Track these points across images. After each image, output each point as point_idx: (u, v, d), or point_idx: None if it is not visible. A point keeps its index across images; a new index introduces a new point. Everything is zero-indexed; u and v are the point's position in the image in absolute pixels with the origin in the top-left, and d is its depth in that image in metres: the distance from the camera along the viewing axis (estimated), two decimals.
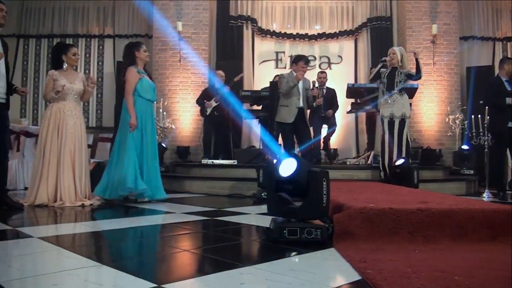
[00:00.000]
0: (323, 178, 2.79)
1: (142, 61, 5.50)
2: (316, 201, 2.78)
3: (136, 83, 5.33)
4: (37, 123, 9.84)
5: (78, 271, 2.16)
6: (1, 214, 4.27)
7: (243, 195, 6.22)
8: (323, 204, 2.79)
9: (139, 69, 5.43)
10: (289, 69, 9.55)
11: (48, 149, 5.00)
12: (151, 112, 5.52)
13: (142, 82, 5.36)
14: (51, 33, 10.18)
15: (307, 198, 2.81)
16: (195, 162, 8.13)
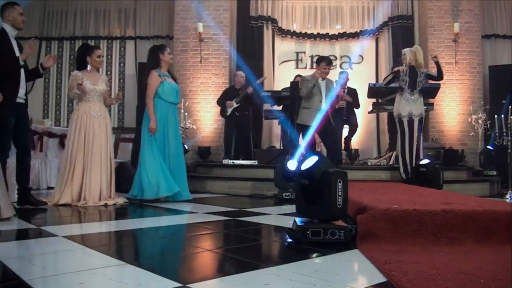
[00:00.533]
0: (338, 179, 2.77)
1: (167, 64, 5.57)
2: (330, 202, 2.77)
3: (157, 86, 5.40)
4: (60, 124, 9.98)
5: (103, 270, 2.18)
6: (24, 213, 4.34)
7: (264, 196, 6.23)
8: (338, 206, 2.77)
9: (162, 72, 5.48)
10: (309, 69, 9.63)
11: (75, 150, 5.08)
12: (174, 114, 5.55)
13: (164, 85, 5.42)
14: (73, 35, 10.32)
15: (323, 199, 2.81)
16: (216, 162, 8.16)
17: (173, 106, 5.54)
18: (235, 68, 9.08)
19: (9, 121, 4.35)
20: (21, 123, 4.55)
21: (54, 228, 3.46)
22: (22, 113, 4.57)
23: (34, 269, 2.23)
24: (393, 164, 7.18)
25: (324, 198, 2.77)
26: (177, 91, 5.58)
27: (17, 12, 4.56)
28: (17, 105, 4.47)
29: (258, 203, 5.53)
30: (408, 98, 6.11)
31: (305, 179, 2.84)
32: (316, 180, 2.78)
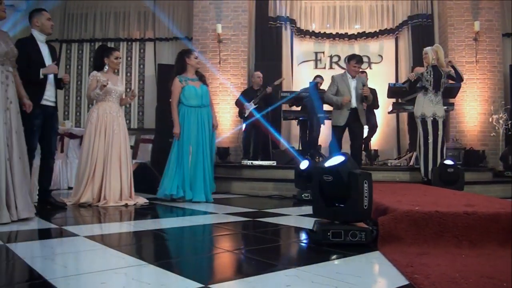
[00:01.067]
0: (364, 180, 2.75)
1: (193, 68, 5.60)
2: (356, 203, 2.74)
3: (179, 93, 5.51)
4: (80, 125, 10.08)
5: (125, 270, 2.20)
6: (45, 213, 4.40)
7: (283, 196, 6.22)
8: (364, 207, 2.75)
9: (186, 77, 5.55)
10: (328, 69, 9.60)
11: (95, 149, 5.13)
12: (197, 117, 5.56)
13: (185, 91, 5.49)
14: (93, 38, 10.45)
15: (348, 200, 2.78)
16: (235, 163, 8.18)
17: (197, 109, 5.56)
18: (254, 69, 9.09)
19: (33, 122, 4.41)
20: (48, 126, 4.63)
21: (75, 228, 3.51)
22: (50, 116, 4.65)
23: (57, 269, 2.26)
24: (413, 165, 7.11)
25: (350, 199, 2.75)
26: (200, 94, 5.59)
27: (45, 17, 4.64)
28: (45, 108, 4.55)
29: (277, 204, 5.53)
30: (432, 99, 6.04)
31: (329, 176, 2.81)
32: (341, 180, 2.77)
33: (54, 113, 4.74)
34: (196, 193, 5.40)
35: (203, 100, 5.61)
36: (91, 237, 3.11)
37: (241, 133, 8.57)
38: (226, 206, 5.22)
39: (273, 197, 6.26)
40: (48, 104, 4.61)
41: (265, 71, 8.42)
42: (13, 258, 2.50)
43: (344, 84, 6.18)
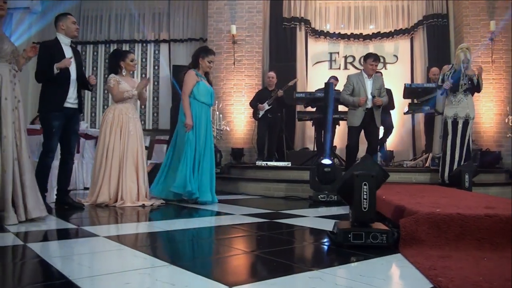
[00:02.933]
0: (363, 182, 2.74)
1: (203, 69, 5.59)
2: (356, 205, 2.74)
3: (193, 85, 5.43)
4: (95, 125, 10.17)
5: (148, 271, 2.22)
6: (63, 213, 4.44)
7: (298, 197, 6.20)
8: (363, 209, 2.73)
9: (199, 73, 5.53)
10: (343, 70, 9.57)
11: (111, 150, 5.18)
12: (206, 115, 5.57)
13: (199, 86, 5.45)
14: (108, 39, 10.53)
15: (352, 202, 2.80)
16: (250, 164, 8.19)
17: (206, 107, 5.56)
18: (268, 70, 9.09)
19: (52, 124, 4.46)
20: (68, 127, 4.66)
21: (94, 228, 3.53)
22: (72, 117, 4.68)
23: (80, 269, 2.28)
24: (429, 166, 7.07)
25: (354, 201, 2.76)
26: (211, 93, 5.61)
27: (70, 21, 4.71)
28: (67, 110, 4.59)
29: (293, 205, 5.52)
30: (452, 100, 5.98)
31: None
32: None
33: (76, 115, 4.76)
34: (203, 193, 5.33)
35: (212, 99, 5.64)
36: (111, 237, 3.13)
37: (255, 134, 8.57)
38: (242, 207, 5.22)
39: (289, 198, 6.25)
40: (70, 106, 4.64)
41: (279, 72, 8.42)
42: (34, 257, 2.52)
43: (360, 84, 6.13)
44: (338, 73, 9.22)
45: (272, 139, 8.24)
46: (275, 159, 7.96)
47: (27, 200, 3.69)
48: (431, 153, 7.41)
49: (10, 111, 3.63)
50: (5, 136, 3.56)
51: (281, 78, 8.23)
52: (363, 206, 2.71)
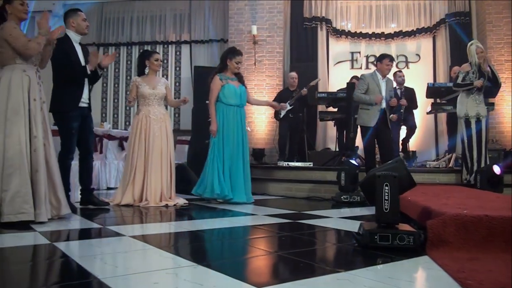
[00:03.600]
0: (384, 183, 2.73)
1: (232, 71, 5.62)
2: (378, 206, 2.74)
3: (218, 90, 5.53)
4: (117, 126, 10.28)
5: (175, 270, 2.25)
6: (88, 212, 4.51)
7: (321, 198, 6.18)
8: (385, 210, 2.72)
9: (226, 76, 5.59)
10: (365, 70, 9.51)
11: (136, 152, 5.27)
12: (236, 116, 5.58)
13: (224, 89, 5.52)
14: (130, 41, 10.62)
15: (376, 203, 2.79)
16: (271, 164, 8.18)
17: (235, 109, 5.59)
18: (289, 70, 9.08)
19: (72, 125, 4.49)
20: (85, 127, 4.68)
21: (120, 228, 3.58)
22: (86, 116, 4.70)
23: (107, 268, 2.31)
24: (452, 166, 6.98)
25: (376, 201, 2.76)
26: (239, 94, 5.61)
27: (81, 18, 4.66)
28: (81, 109, 4.59)
29: (316, 205, 5.51)
30: (476, 99, 5.88)
31: None
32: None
33: (89, 113, 4.78)
34: (236, 194, 5.39)
35: (241, 100, 5.64)
36: (137, 237, 3.17)
37: (276, 134, 8.57)
38: (265, 207, 5.24)
39: (311, 199, 6.23)
40: (83, 105, 4.66)
41: (300, 72, 8.40)
42: (61, 257, 2.57)
43: (375, 83, 6.01)
44: (359, 72, 9.09)
45: (294, 140, 8.22)
46: (296, 160, 7.94)
47: (59, 197, 3.83)
48: (455, 153, 7.31)
49: (39, 112, 3.71)
50: (35, 136, 3.64)
51: (302, 78, 8.21)
52: (384, 207, 2.69)
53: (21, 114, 3.59)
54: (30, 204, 3.52)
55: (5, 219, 3.43)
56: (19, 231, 3.28)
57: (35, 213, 3.54)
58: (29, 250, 2.78)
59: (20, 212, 3.47)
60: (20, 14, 3.77)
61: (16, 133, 3.55)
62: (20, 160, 3.52)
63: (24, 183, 3.52)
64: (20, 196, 3.48)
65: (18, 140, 3.54)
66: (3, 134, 3.53)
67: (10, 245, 2.87)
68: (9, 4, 3.71)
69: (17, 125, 3.57)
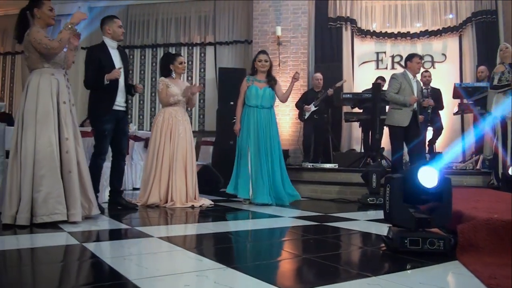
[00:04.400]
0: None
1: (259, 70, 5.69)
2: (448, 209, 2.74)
3: (244, 92, 5.65)
4: (143, 127, 10.38)
5: (205, 273, 2.25)
6: (115, 213, 4.57)
7: (347, 200, 6.16)
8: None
9: (253, 78, 5.69)
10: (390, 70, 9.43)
11: (161, 152, 5.31)
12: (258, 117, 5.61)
13: (250, 90, 5.58)
14: (155, 43, 10.71)
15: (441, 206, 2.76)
16: (295, 165, 8.18)
17: (256, 110, 5.62)
18: (314, 71, 9.06)
19: (104, 127, 4.59)
20: (119, 129, 4.78)
21: (148, 229, 3.62)
22: (121, 120, 4.79)
23: (138, 269, 2.34)
24: (480, 168, 6.88)
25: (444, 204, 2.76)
26: (262, 95, 5.64)
27: (117, 25, 4.77)
28: (116, 112, 4.69)
29: (342, 207, 5.50)
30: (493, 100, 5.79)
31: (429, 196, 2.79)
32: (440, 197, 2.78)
33: (125, 117, 4.88)
34: (259, 195, 5.39)
35: (262, 101, 5.65)
36: (165, 238, 3.21)
37: (300, 135, 8.56)
38: (290, 209, 5.23)
39: (337, 201, 6.21)
40: (119, 109, 4.75)
41: (325, 73, 8.38)
42: (91, 257, 2.61)
43: (407, 83, 5.94)
44: (385, 73, 9.07)
45: (318, 141, 8.21)
46: (321, 161, 7.93)
47: (90, 198, 3.92)
48: (482, 155, 7.20)
49: (68, 114, 3.79)
50: (67, 138, 3.72)
51: (327, 79, 8.19)
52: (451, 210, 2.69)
53: (51, 116, 3.67)
54: (63, 205, 3.60)
55: (38, 220, 3.51)
56: (50, 231, 3.36)
57: (69, 213, 3.62)
58: (60, 250, 2.84)
59: (54, 212, 3.55)
60: (48, 20, 3.83)
61: (46, 135, 3.62)
62: (51, 162, 3.60)
63: (56, 184, 3.60)
64: (52, 197, 3.56)
65: (49, 142, 3.62)
66: (34, 136, 3.60)
67: (42, 245, 2.94)
68: (38, 9, 3.77)
69: (47, 127, 3.64)
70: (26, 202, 3.50)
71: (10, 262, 2.57)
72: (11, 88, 11.59)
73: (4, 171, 4.23)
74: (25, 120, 3.63)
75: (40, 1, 3.79)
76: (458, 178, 6.28)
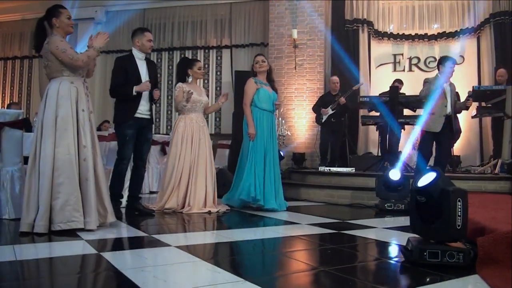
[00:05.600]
0: (458, 198, 2.63)
1: (260, 73, 5.66)
2: (448, 222, 2.64)
3: (253, 93, 5.56)
4: (159, 130, 10.44)
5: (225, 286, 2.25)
6: (132, 219, 4.60)
7: (364, 205, 6.12)
8: (457, 226, 2.63)
9: (259, 80, 5.62)
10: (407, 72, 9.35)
11: (182, 158, 5.33)
12: (268, 122, 5.61)
13: (259, 93, 5.56)
14: (171, 46, 10.78)
15: (441, 219, 2.69)
16: (311, 169, 8.15)
17: (268, 114, 5.61)
18: (330, 73, 9.02)
19: (126, 132, 4.69)
20: (141, 136, 4.86)
21: (165, 237, 3.63)
22: (144, 127, 4.88)
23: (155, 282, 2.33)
24: (498, 172, 6.78)
25: (443, 218, 2.67)
26: (273, 100, 5.64)
27: (146, 38, 4.87)
28: (140, 120, 4.79)
29: (358, 213, 5.47)
30: None
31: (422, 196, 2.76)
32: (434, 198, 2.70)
33: (149, 124, 4.96)
34: (267, 200, 5.37)
35: (273, 106, 5.67)
36: (182, 247, 3.20)
37: (317, 138, 8.53)
38: (307, 215, 5.22)
39: (353, 206, 6.18)
40: (142, 116, 4.83)
41: (342, 75, 8.34)
42: (108, 268, 2.62)
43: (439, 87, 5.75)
44: (402, 75, 9.04)
45: (336, 144, 8.18)
46: (337, 165, 7.89)
47: (106, 205, 3.93)
48: (500, 158, 7.10)
49: (87, 122, 3.82)
50: (84, 146, 3.75)
51: (344, 82, 8.15)
52: (457, 223, 2.62)
53: (70, 124, 3.70)
54: (80, 212, 3.63)
55: (56, 227, 3.54)
56: (67, 239, 3.38)
57: (85, 221, 3.65)
58: (77, 260, 2.85)
59: (71, 220, 3.58)
60: (67, 28, 3.87)
61: (65, 143, 3.65)
62: (70, 169, 3.63)
63: (74, 192, 3.63)
64: (70, 204, 3.59)
65: (68, 150, 3.65)
66: (53, 144, 3.63)
67: (59, 254, 2.96)
68: (56, 18, 3.81)
69: (66, 135, 3.67)
70: (44, 210, 3.53)
71: (28, 274, 2.58)
72: (28, 92, 11.74)
73: (22, 177, 4.30)
74: (45, 128, 3.66)
75: (58, 10, 3.83)
76: (476, 184, 6.21)
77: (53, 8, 3.86)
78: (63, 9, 3.86)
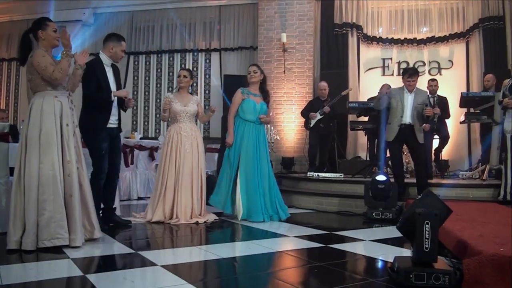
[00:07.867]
0: (426, 221, 2.65)
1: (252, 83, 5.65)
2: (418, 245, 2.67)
3: (238, 104, 5.57)
4: (148, 134, 10.39)
5: None
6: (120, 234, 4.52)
7: (352, 213, 6.12)
8: (425, 249, 2.65)
9: (248, 91, 5.61)
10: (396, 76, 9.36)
11: (166, 169, 5.30)
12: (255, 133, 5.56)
13: (244, 103, 5.55)
14: (160, 49, 10.72)
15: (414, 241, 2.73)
16: (300, 174, 8.14)
17: (253, 125, 5.58)
18: (319, 77, 9.02)
19: (101, 146, 4.53)
20: (113, 146, 4.73)
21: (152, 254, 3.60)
22: (114, 137, 4.73)
23: None
24: (486, 178, 6.81)
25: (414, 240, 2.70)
26: (259, 111, 5.58)
27: (121, 48, 4.71)
28: (109, 130, 4.63)
29: (346, 222, 5.49)
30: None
31: None
32: (409, 220, 2.73)
33: (118, 133, 4.83)
34: (253, 214, 5.34)
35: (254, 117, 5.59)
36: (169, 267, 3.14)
37: (306, 143, 8.51)
38: (295, 225, 5.21)
39: (341, 214, 6.17)
40: (112, 126, 4.69)
41: (330, 80, 8.33)
42: None
43: (399, 98, 5.90)
44: (391, 79, 9.02)
45: (324, 149, 8.16)
46: (326, 170, 7.89)
47: (92, 221, 3.90)
48: (488, 164, 7.13)
49: (71, 137, 3.76)
50: (69, 161, 3.70)
51: (333, 86, 8.14)
52: (424, 246, 2.63)
53: (54, 140, 3.64)
54: (65, 229, 3.59)
55: (40, 244, 3.50)
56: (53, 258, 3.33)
57: (70, 238, 3.61)
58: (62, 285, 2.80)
59: (55, 237, 3.54)
60: (53, 41, 3.81)
61: (49, 158, 3.60)
62: (54, 186, 3.59)
63: (58, 208, 3.58)
64: (54, 221, 3.55)
65: (52, 166, 3.60)
66: (37, 160, 3.58)
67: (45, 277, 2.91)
68: (42, 31, 3.75)
69: (50, 150, 3.62)
70: (31, 226, 3.49)
71: None
72: (16, 95, 11.61)
73: (8, 191, 4.23)
74: (29, 144, 3.61)
75: (45, 23, 3.78)
76: (464, 191, 6.21)
77: (39, 21, 3.80)
78: (50, 22, 3.81)
